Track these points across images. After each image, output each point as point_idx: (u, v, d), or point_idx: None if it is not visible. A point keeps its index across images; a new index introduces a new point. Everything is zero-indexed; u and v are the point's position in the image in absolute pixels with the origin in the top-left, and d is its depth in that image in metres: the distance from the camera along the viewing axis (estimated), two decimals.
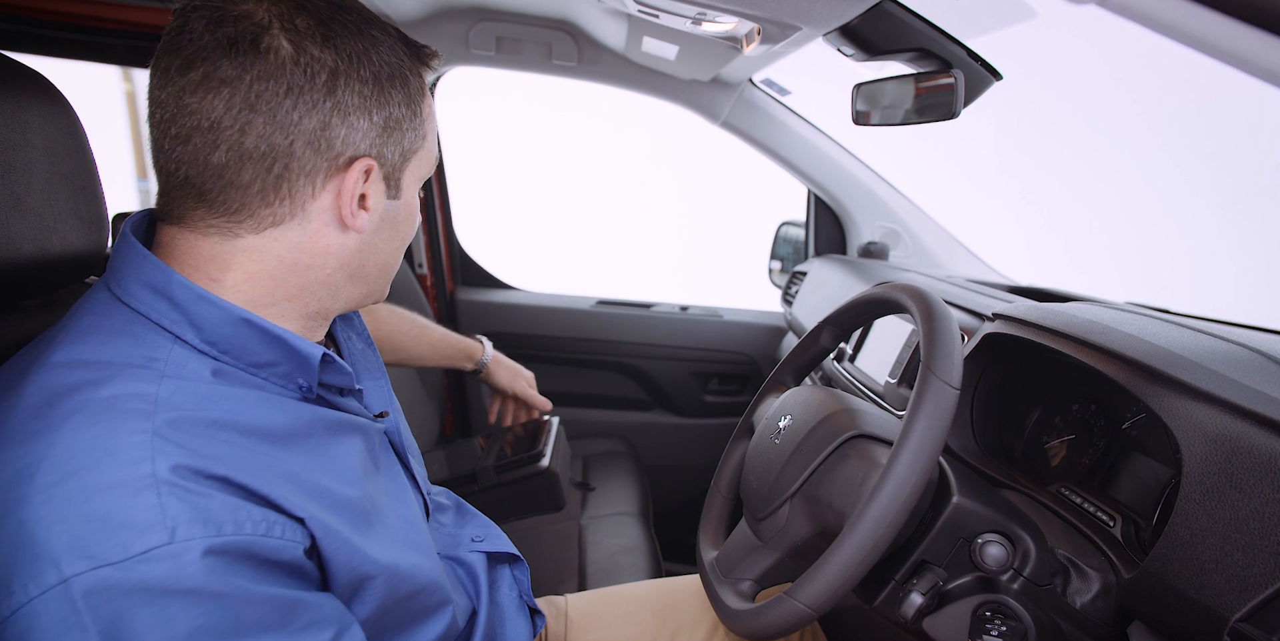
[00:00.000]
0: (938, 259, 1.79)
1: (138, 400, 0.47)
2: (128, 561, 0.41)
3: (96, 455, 0.44)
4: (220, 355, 0.53)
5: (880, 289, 0.75)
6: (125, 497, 0.42)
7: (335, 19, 0.53)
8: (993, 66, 1.01)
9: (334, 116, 0.53)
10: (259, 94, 0.50)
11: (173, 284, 0.52)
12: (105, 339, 0.51)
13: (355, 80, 0.53)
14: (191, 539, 0.43)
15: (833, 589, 0.56)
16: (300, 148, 0.52)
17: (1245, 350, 0.64)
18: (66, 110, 0.68)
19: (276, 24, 0.51)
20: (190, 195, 0.53)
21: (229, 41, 0.50)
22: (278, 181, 0.52)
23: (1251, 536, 0.49)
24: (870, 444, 0.68)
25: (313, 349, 0.56)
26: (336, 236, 0.56)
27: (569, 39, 1.63)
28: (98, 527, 0.41)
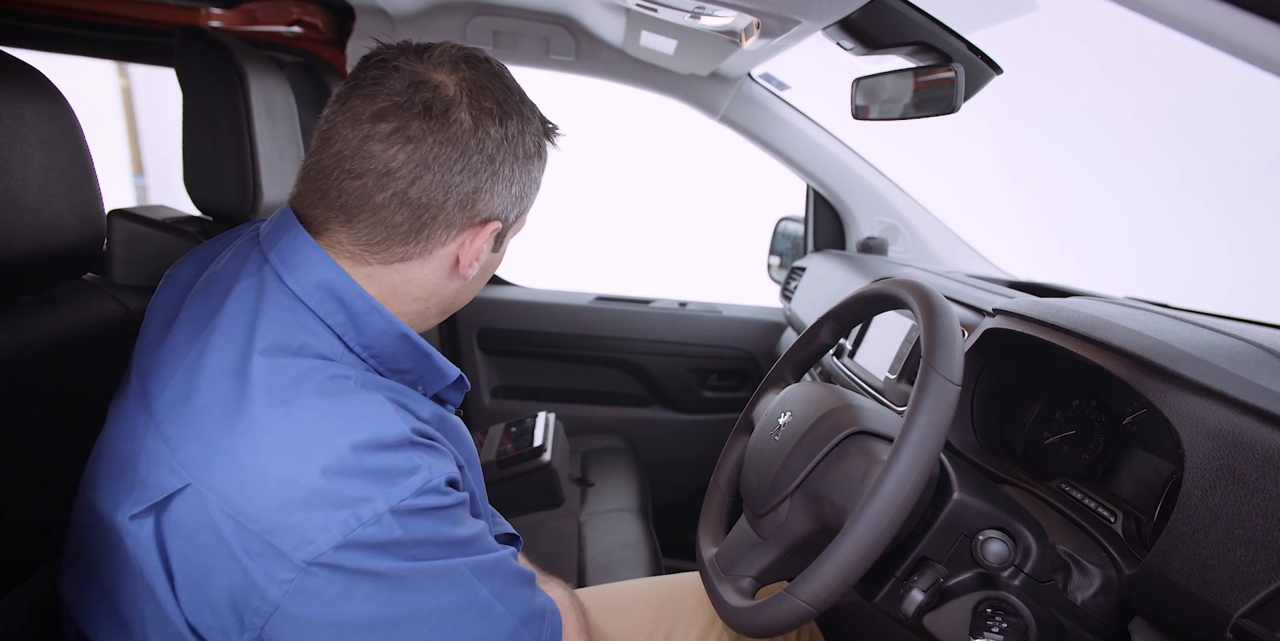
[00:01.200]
0: (937, 254, 1.79)
1: (347, 383, 0.56)
2: (412, 495, 0.53)
3: (365, 420, 0.54)
4: (369, 358, 0.61)
5: (881, 284, 0.74)
6: (395, 453, 0.54)
7: (508, 101, 0.62)
8: (993, 60, 1.00)
9: (487, 183, 0.61)
10: (436, 156, 0.58)
11: (352, 293, 0.60)
12: (297, 334, 0.57)
13: (511, 157, 0.62)
14: (440, 476, 0.55)
15: (833, 586, 0.56)
16: (452, 204, 0.60)
17: (1247, 345, 0.64)
18: (62, 105, 0.68)
19: (465, 100, 0.59)
20: (339, 218, 0.60)
21: (425, 106, 0.57)
22: (422, 227, 0.60)
23: (1254, 532, 0.49)
24: (871, 440, 0.68)
25: (452, 369, 0.67)
26: (445, 279, 0.65)
27: (567, 33, 1.62)
28: (385, 475, 0.53)
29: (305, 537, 0.50)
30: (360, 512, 0.51)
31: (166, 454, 0.53)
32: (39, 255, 0.65)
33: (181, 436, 0.53)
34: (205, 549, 0.51)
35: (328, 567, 0.51)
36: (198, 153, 1.04)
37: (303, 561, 0.50)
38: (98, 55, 1.51)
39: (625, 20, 1.34)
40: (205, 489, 0.51)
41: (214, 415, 0.53)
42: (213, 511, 0.51)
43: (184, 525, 0.52)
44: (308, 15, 1.52)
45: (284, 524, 0.50)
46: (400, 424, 0.55)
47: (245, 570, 0.50)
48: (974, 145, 3.37)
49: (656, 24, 1.22)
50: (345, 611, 0.52)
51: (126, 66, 4.47)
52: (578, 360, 2.01)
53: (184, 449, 0.53)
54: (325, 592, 0.51)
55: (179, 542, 0.52)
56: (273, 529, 0.50)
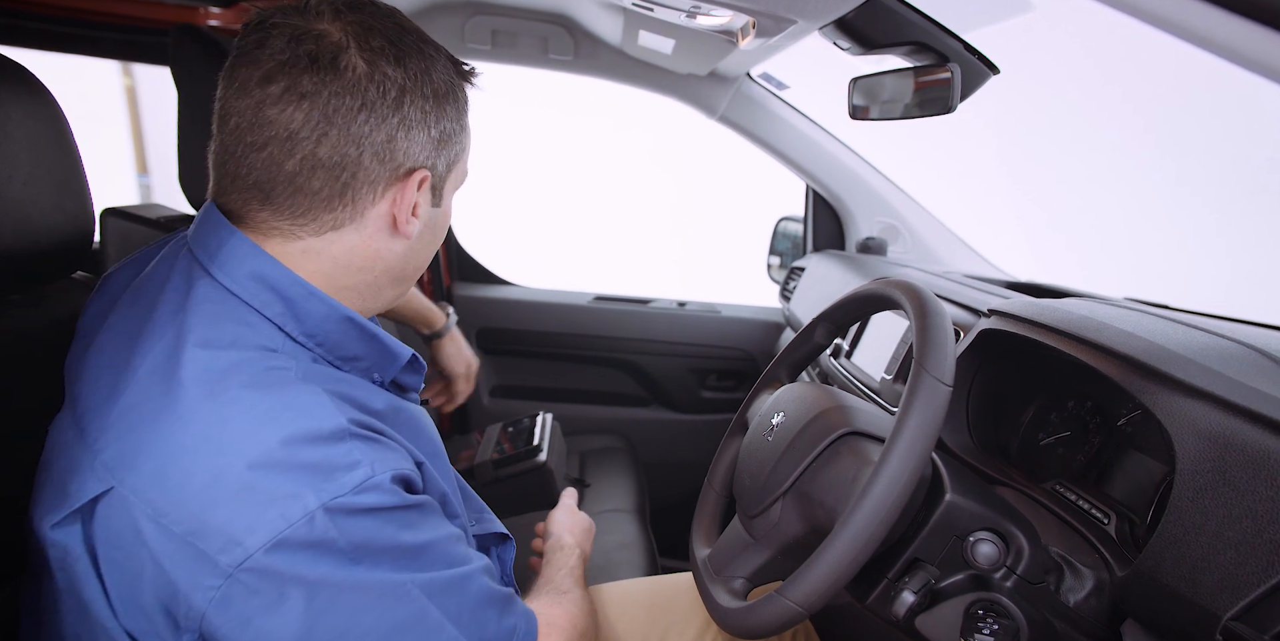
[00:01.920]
0: (936, 254, 1.78)
1: (286, 374, 0.54)
2: (351, 492, 0.50)
3: (294, 412, 0.51)
4: (315, 347, 0.58)
5: (874, 285, 0.74)
6: (331, 446, 0.51)
7: (402, 40, 0.57)
8: (990, 60, 1.00)
9: (399, 130, 0.57)
10: (335, 108, 0.54)
11: (285, 280, 0.57)
12: (229, 327, 0.55)
13: (419, 97, 0.58)
14: (384, 472, 0.52)
15: (824, 587, 0.56)
16: (368, 158, 0.56)
17: (1240, 346, 0.64)
18: (49, 103, 0.68)
19: (353, 44, 0.55)
20: (256, 198, 0.57)
21: (310, 58, 0.54)
22: (344, 189, 0.57)
23: (1244, 534, 0.49)
24: (862, 441, 0.67)
25: (402, 349, 0.64)
26: (387, 241, 0.61)
27: (565, 33, 1.62)
28: (320, 471, 0.50)
29: (231, 539, 0.47)
30: (289, 511, 0.47)
31: (89, 458, 0.51)
32: (25, 254, 0.65)
33: (105, 439, 0.51)
34: (132, 554, 0.48)
35: (256, 573, 0.47)
36: (192, 151, 1.04)
37: (229, 566, 0.47)
38: (97, 54, 1.51)
39: (623, 20, 1.34)
40: (128, 490, 0.49)
41: (139, 413, 0.51)
42: (135, 514, 0.48)
43: (110, 530, 0.49)
44: None
45: (208, 524, 0.47)
46: (336, 415, 0.52)
47: (169, 576, 0.47)
48: (973, 145, 3.36)
49: (654, 23, 1.22)
50: (270, 624, 0.48)
51: (131, 66, 4.48)
52: (577, 360, 2.01)
53: (107, 451, 0.50)
54: (251, 602, 0.47)
55: (107, 549, 0.49)
56: (196, 530, 0.47)
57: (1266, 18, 0.36)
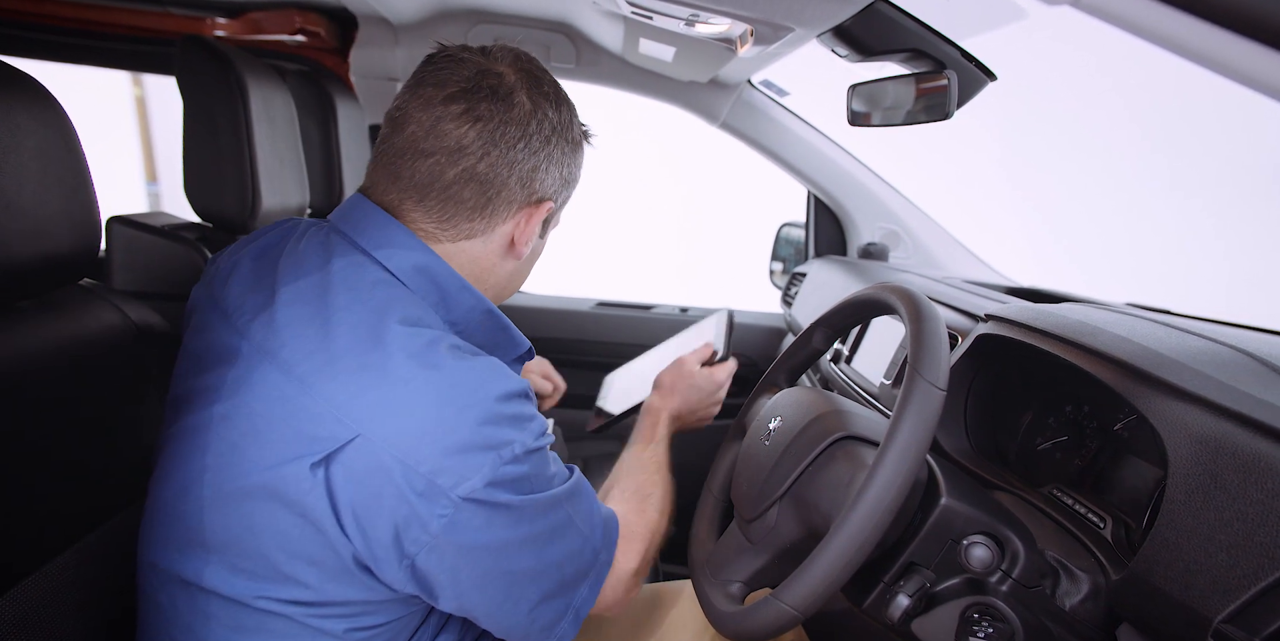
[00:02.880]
0: (938, 260, 1.78)
1: (464, 349, 0.63)
2: (535, 438, 0.63)
3: (497, 374, 0.62)
4: (456, 333, 0.67)
5: (869, 290, 0.74)
6: (524, 402, 0.63)
7: (556, 93, 0.70)
8: (986, 67, 1.01)
9: (544, 162, 0.68)
10: (502, 134, 0.65)
11: (444, 273, 0.67)
12: (413, 310, 0.64)
13: (563, 140, 0.70)
14: (542, 421, 0.65)
15: (818, 591, 0.56)
16: (514, 181, 0.67)
17: (1232, 351, 0.64)
18: (58, 113, 0.69)
19: (523, 86, 0.67)
20: (413, 197, 0.67)
21: (490, 89, 0.65)
22: (486, 203, 0.67)
23: (1235, 537, 0.49)
24: (858, 445, 0.68)
25: (524, 341, 0.76)
26: (501, 258, 0.72)
27: (567, 41, 1.64)
28: (520, 420, 0.62)
29: (462, 476, 0.58)
30: (503, 453, 0.59)
31: (331, 410, 0.58)
32: (35, 261, 0.66)
33: (344, 393, 0.58)
34: (375, 490, 0.57)
35: (475, 502, 0.59)
36: (198, 160, 1.05)
37: (458, 497, 0.58)
38: (106, 65, 1.54)
39: (623, 28, 1.35)
40: (376, 438, 0.57)
41: (369, 375, 0.59)
42: (384, 457, 0.57)
43: (354, 471, 0.57)
44: (311, 24, 1.54)
45: (445, 466, 0.57)
46: (520, 379, 0.64)
47: (411, 505, 0.57)
48: (975, 150, 3.36)
49: (653, 31, 1.23)
50: (484, 538, 0.60)
51: (141, 76, 4.54)
52: (579, 365, 2.01)
53: (350, 404, 0.58)
54: (472, 523, 0.59)
55: (349, 486, 0.58)
56: (437, 470, 0.57)
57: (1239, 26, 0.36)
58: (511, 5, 1.56)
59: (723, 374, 1.05)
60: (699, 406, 1.02)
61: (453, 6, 1.58)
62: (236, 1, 1.49)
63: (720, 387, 1.04)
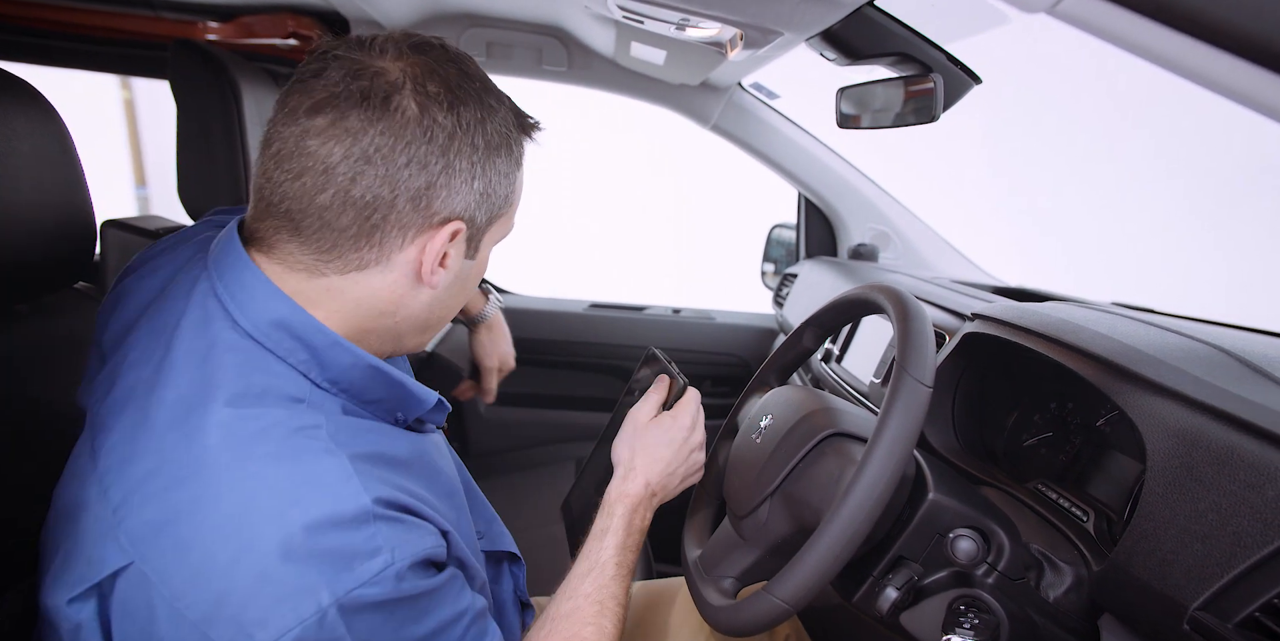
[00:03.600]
0: (927, 260, 1.80)
1: (315, 431, 0.52)
2: (366, 584, 0.48)
3: (320, 491, 0.49)
4: (339, 393, 0.57)
5: (857, 290, 0.76)
6: (354, 531, 0.49)
7: (461, 87, 0.55)
8: (971, 70, 1.03)
9: (441, 178, 0.55)
10: (378, 148, 0.52)
11: (309, 329, 0.55)
12: (257, 378, 0.53)
13: (467, 147, 0.56)
14: (405, 559, 0.50)
15: (809, 584, 0.57)
16: (402, 202, 0.54)
17: (1209, 347, 0.66)
18: (53, 117, 0.69)
19: (409, 85, 0.53)
20: (286, 227, 0.55)
21: (362, 95, 0.52)
22: (372, 229, 0.54)
23: (1209, 527, 0.50)
24: (847, 441, 0.69)
25: (428, 394, 0.63)
26: (411, 289, 0.59)
27: (559, 44, 1.65)
28: (339, 559, 0.48)
29: (242, 631, 0.45)
30: (302, 607, 0.46)
31: (113, 525, 0.48)
32: (30, 264, 0.67)
33: (128, 506, 0.48)
34: (146, 632, 0.47)
35: None
36: (191, 163, 1.06)
37: None
38: (97, 68, 1.53)
39: (615, 32, 1.36)
40: (148, 568, 0.47)
41: (162, 479, 0.48)
42: (152, 594, 0.46)
43: (127, 606, 0.47)
44: (303, 28, 1.54)
45: (221, 613, 0.46)
46: (361, 494, 0.49)
47: None
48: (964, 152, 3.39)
49: (644, 35, 1.24)
50: None
51: (129, 79, 4.51)
52: (572, 367, 2.02)
53: (130, 520, 0.48)
54: None
55: (122, 624, 0.47)
56: (209, 617, 0.46)
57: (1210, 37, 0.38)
58: (503, 9, 1.56)
59: (687, 412, 0.84)
60: (676, 461, 0.81)
61: (444, 11, 1.59)
62: (228, 5, 1.50)
63: (692, 427, 0.83)
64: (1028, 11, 0.43)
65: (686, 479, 0.83)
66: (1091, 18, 0.42)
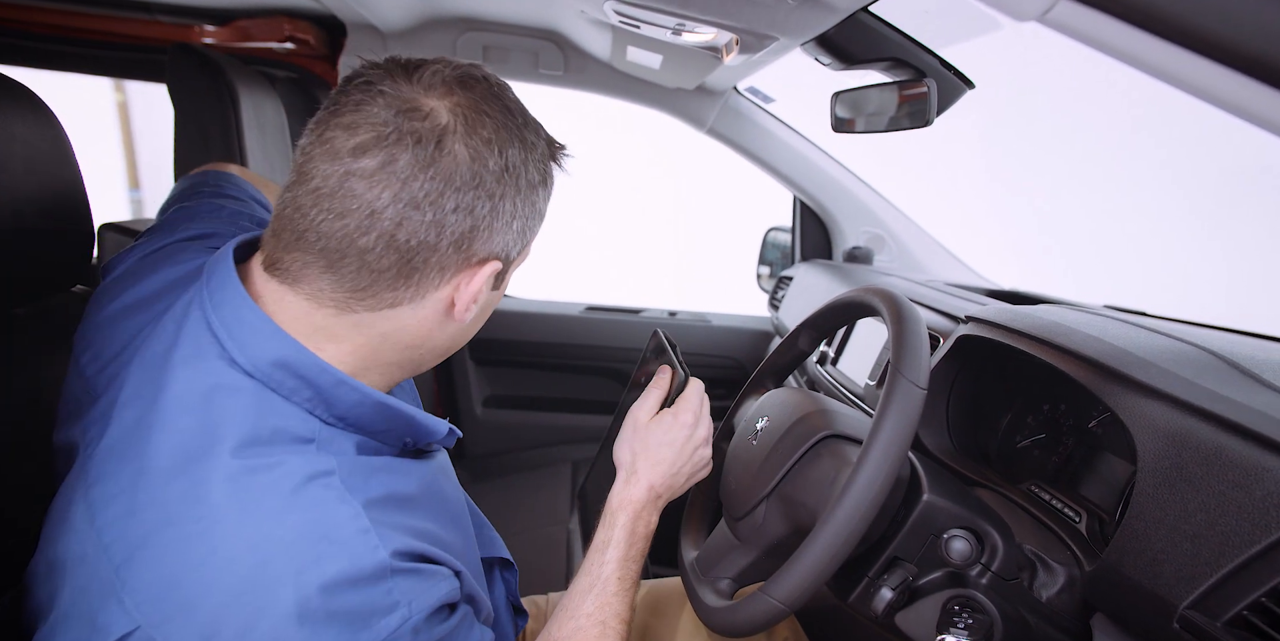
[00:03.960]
0: (921, 263, 1.82)
1: (328, 480, 0.50)
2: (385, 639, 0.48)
3: (337, 548, 0.47)
4: (347, 428, 0.55)
5: (853, 292, 0.77)
6: (371, 588, 0.48)
7: (507, 126, 0.54)
8: (965, 75, 1.04)
9: (486, 221, 0.54)
10: (426, 194, 0.50)
11: (313, 369, 0.53)
12: (265, 421, 0.51)
13: (513, 190, 0.54)
14: (422, 610, 0.50)
15: (805, 585, 0.58)
16: (446, 245, 0.53)
17: (1197, 349, 0.66)
18: (51, 122, 0.70)
19: (460, 129, 0.51)
20: (319, 264, 0.52)
21: (414, 139, 0.50)
22: (412, 272, 0.53)
23: (1198, 526, 0.51)
24: (842, 443, 0.70)
25: (439, 425, 0.61)
26: (439, 324, 0.58)
27: (555, 49, 1.65)
28: (356, 618, 0.47)
29: None
30: None
31: (116, 586, 0.45)
32: (28, 268, 0.67)
33: (131, 566, 0.45)
34: None
35: None
36: (189, 166, 1.06)
37: None
38: (94, 72, 1.54)
39: (611, 36, 1.37)
40: (156, 633, 0.44)
41: (167, 538, 0.46)
42: None
43: None
44: (300, 31, 1.55)
45: None
46: (379, 548, 0.48)
47: None
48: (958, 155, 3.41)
49: (641, 40, 1.25)
50: None
51: (122, 82, 4.51)
52: (568, 369, 2.03)
53: (134, 580, 0.45)
54: None
55: None
56: None
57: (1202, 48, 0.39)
58: (500, 13, 1.57)
59: (689, 408, 0.78)
60: (680, 460, 0.77)
61: (441, 15, 1.60)
62: (225, 9, 1.50)
63: (695, 423, 0.77)
64: (1019, 19, 0.44)
65: (693, 476, 0.80)
66: (1080, 26, 0.43)
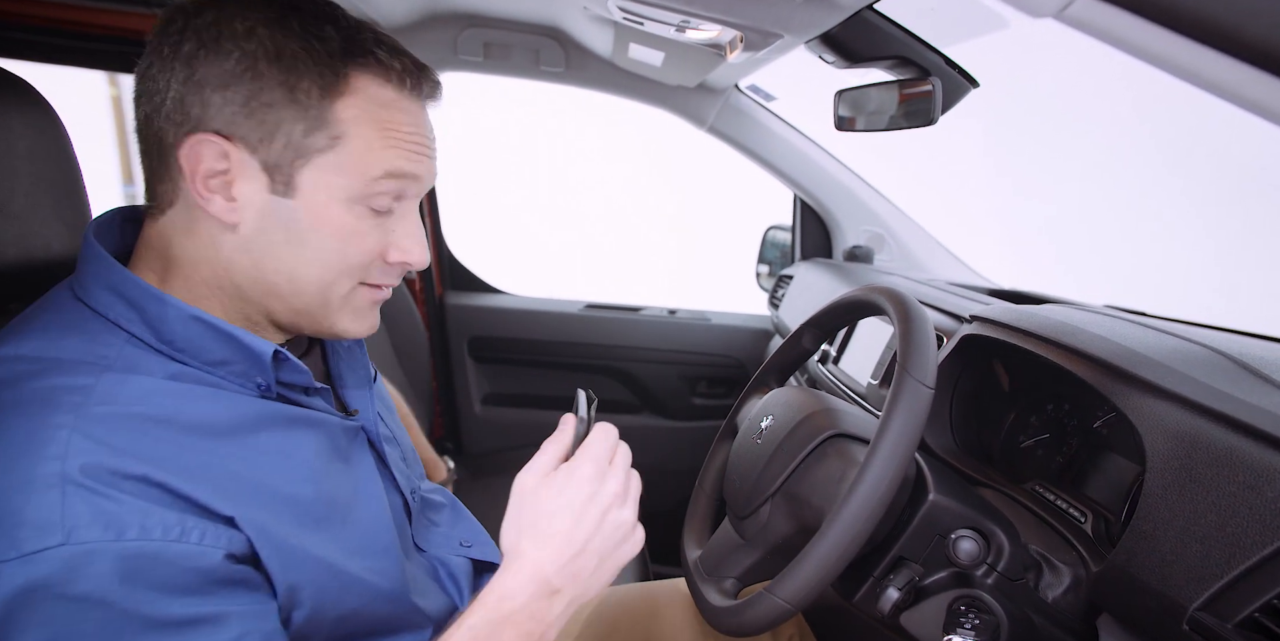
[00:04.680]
0: (921, 262, 1.82)
1: (71, 392, 0.48)
2: (17, 560, 0.41)
3: (14, 450, 0.45)
4: (176, 353, 0.54)
5: (859, 291, 0.76)
6: (28, 495, 0.43)
7: (269, 5, 0.53)
8: (969, 74, 1.03)
9: (188, 87, 0.51)
10: (146, 68, 0.53)
11: (127, 283, 0.53)
12: (59, 335, 0.51)
13: (215, 53, 0.51)
14: (88, 542, 0.43)
15: (811, 584, 0.57)
16: (162, 119, 0.52)
17: (1206, 350, 0.66)
18: (50, 115, 0.69)
19: (213, 14, 0.52)
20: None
21: (162, 25, 0.53)
22: (157, 154, 0.54)
23: (1208, 528, 0.51)
24: (848, 443, 0.69)
25: (263, 346, 0.55)
26: (215, 228, 0.54)
27: (556, 45, 1.65)
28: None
29: None
30: None
31: None
32: (26, 263, 0.66)
33: None
34: None
35: None
36: None
37: None
38: (92, 66, 1.52)
39: (613, 33, 1.36)
40: None
41: None
42: None
43: None
44: None
45: None
46: (60, 458, 0.44)
47: None
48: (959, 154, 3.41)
49: (643, 36, 1.25)
50: None
51: (117, 76, 4.48)
52: (568, 367, 2.02)
53: None
54: None
55: None
56: None
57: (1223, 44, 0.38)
58: (501, 9, 1.56)
59: (589, 457, 0.58)
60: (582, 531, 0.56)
61: (441, 11, 1.59)
62: None
63: (600, 477, 0.57)
64: (1035, 16, 0.44)
65: (612, 556, 0.57)
66: (1099, 22, 0.43)
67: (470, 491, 1.65)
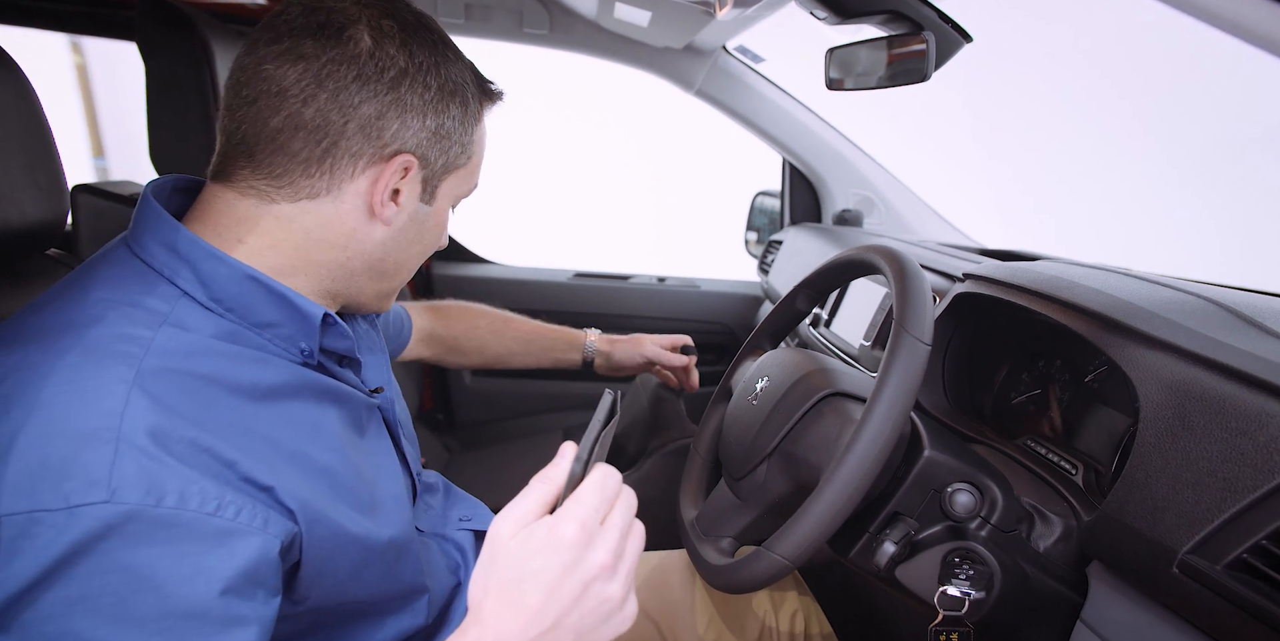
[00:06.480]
0: (910, 225, 1.81)
1: (131, 342, 0.50)
2: (64, 510, 0.43)
3: (71, 399, 0.46)
4: (226, 313, 0.55)
5: (854, 251, 0.76)
6: (81, 447, 0.45)
7: (418, 32, 0.59)
8: (963, 28, 1.01)
9: (391, 110, 0.57)
10: (330, 73, 0.55)
11: (182, 240, 0.55)
12: (120, 285, 0.54)
13: (419, 84, 0.58)
14: (128, 503, 0.44)
15: (809, 540, 0.58)
16: (352, 129, 0.56)
17: (1199, 300, 0.67)
18: (19, 78, 0.66)
19: (364, 22, 0.57)
20: (242, 154, 0.57)
21: (318, 26, 0.56)
22: (323, 155, 0.56)
23: (1200, 474, 0.52)
24: (845, 401, 0.70)
25: (315, 309, 0.58)
26: (364, 223, 0.60)
27: (540, 6, 1.60)
28: (49, 473, 0.44)
29: None
30: None
31: None
32: (1, 231, 0.64)
33: None
34: None
35: None
36: (162, 128, 1.02)
37: None
38: (59, 28, 1.46)
39: None
40: None
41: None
42: None
43: None
44: None
45: None
46: (116, 414, 0.45)
47: None
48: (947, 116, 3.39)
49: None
50: None
51: (81, 44, 4.31)
52: None
53: None
54: None
55: None
56: None
57: None
58: None
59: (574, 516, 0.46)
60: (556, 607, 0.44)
61: None
62: None
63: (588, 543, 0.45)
64: None
65: (590, 636, 0.46)
66: None
67: (464, 463, 1.66)
